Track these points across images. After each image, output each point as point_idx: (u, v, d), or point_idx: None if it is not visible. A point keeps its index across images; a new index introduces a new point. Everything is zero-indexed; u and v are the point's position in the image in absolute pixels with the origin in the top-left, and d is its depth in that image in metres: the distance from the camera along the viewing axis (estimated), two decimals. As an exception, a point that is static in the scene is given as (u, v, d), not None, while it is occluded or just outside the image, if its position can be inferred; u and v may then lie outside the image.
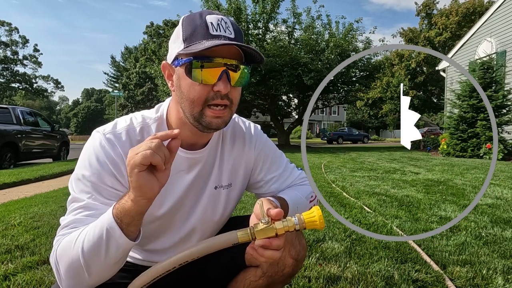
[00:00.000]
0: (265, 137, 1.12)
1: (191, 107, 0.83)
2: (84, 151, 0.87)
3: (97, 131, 0.89)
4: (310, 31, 15.61)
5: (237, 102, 0.88)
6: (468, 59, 13.34)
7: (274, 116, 18.28)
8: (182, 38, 0.82)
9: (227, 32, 0.80)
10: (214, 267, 1.08)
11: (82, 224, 0.78)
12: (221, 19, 0.81)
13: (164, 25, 35.56)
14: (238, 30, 0.84)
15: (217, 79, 0.80)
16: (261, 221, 0.71)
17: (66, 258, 0.74)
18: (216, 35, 0.79)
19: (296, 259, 0.98)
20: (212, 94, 0.81)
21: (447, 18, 27.90)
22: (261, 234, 0.70)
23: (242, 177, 1.06)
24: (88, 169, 0.82)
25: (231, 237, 0.72)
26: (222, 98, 0.82)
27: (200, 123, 0.84)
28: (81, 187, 0.82)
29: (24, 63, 40.13)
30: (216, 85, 0.80)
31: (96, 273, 0.74)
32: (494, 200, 3.56)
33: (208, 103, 0.82)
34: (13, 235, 2.43)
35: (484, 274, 1.72)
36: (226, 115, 0.85)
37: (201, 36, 0.79)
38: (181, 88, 0.83)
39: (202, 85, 0.80)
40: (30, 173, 6.21)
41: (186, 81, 0.82)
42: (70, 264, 0.73)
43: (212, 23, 0.80)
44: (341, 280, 1.66)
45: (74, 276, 0.74)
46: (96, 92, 75.44)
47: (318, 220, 0.71)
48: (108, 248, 0.71)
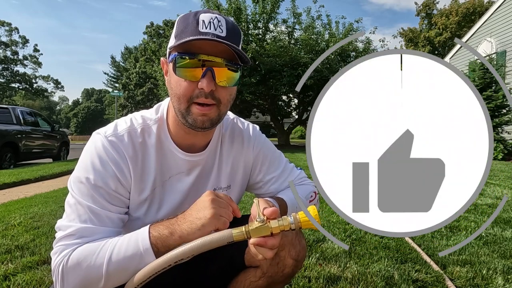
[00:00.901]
0: (264, 137, 1.12)
1: (178, 103, 0.83)
2: (85, 153, 0.85)
3: (98, 133, 0.88)
4: (310, 31, 15.60)
5: (227, 102, 0.85)
6: (468, 59, 13.34)
7: (274, 116, 18.26)
8: (174, 35, 0.82)
9: (218, 31, 0.79)
10: (214, 267, 1.08)
11: (92, 234, 0.78)
12: (214, 18, 0.80)
13: (164, 25, 35.51)
14: (233, 30, 0.82)
15: (201, 76, 0.79)
16: (256, 219, 0.71)
17: (83, 271, 0.74)
18: (205, 32, 0.78)
19: (296, 259, 0.98)
20: (197, 92, 0.80)
21: (447, 18, 27.91)
22: (256, 232, 0.70)
23: (241, 178, 1.06)
24: (91, 172, 0.81)
25: (226, 235, 0.71)
26: (207, 97, 0.80)
27: (186, 120, 0.84)
28: (84, 190, 0.81)
29: (24, 63, 40.13)
30: (200, 82, 0.79)
31: (111, 285, 0.77)
32: (494, 200, 3.56)
33: (193, 101, 0.81)
34: (13, 235, 2.43)
35: (484, 274, 1.72)
36: (212, 113, 0.83)
37: (189, 33, 0.78)
38: (170, 84, 0.84)
39: (187, 82, 0.80)
40: (30, 173, 6.21)
41: (174, 77, 0.82)
42: (87, 274, 0.74)
43: (203, 20, 0.79)
44: (341, 280, 1.66)
45: (88, 285, 0.76)
46: (96, 92, 75.41)
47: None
48: (137, 268, 0.74)
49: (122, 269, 0.75)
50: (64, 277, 0.75)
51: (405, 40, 30.95)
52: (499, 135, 9.34)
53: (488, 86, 10.02)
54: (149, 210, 0.92)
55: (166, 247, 0.74)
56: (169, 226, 0.76)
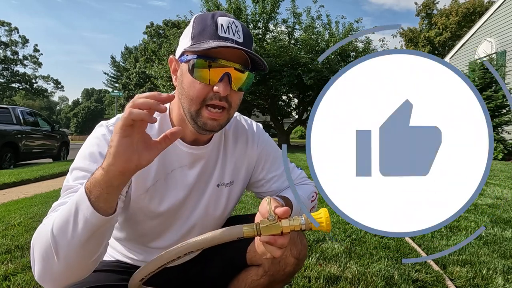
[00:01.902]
0: (267, 136, 1.13)
1: (189, 104, 0.83)
2: (85, 143, 0.87)
3: (100, 124, 0.89)
4: (310, 31, 15.60)
5: (236, 106, 0.87)
6: (468, 59, 13.35)
7: (274, 116, 18.26)
8: (191, 36, 0.82)
9: (236, 36, 0.81)
10: (216, 265, 1.09)
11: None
12: (232, 22, 0.81)
13: (164, 25, 35.54)
14: (249, 35, 0.84)
15: (218, 80, 0.80)
16: (268, 217, 0.72)
17: (39, 239, 0.69)
18: (224, 37, 0.79)
19: (297, 258, 0.99)
20: (211, 95, 0.81)
21: (447, 18, 27.92)
22: (267, 230, 0.71)
23: (244, 176, 1.07)
24: (88, 159, 0.82)
25: (236, 230, 0.72)
26: (221, 100, 0.82)
27: (195, 123, 0.84)
28: (76, 175, 0.80)
29: (24, 63, 40.20)
30: (217, 85, 0.80)
31: (63, 256, 0.66)
32: (494, 200, 3.56)
33: (206, 103, 0.82)
34: (13, 235, 2.43)
35: (484, 274, 1.72)
36: (222, 118, 0.85)
37: (209, 36, 0.79)
38: (183, 84, 0.84)
39: (202, 84, 0.81)
40: (30, 173, 6.21)
41: (188, 78, 0.82)
42: (41, 244, 0.68)
43: (222, 24, 0.80)
44: (341, 280, 1.67)
45: (44, 259, 0.68)
46: (96, 92, 75.47)
47: (325, 222, 0.71)
48: (75, 222, 0.64)
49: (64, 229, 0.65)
50: (33, 251, 0.71)
51: (405, 40, 30.96)
52: (499, 135, 9.34)
53: (488, 86, 10.03)
54: (151, 202, 0.92)
55: (96, 185, 0.63)
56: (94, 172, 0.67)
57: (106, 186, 0.63)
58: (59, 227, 0.66)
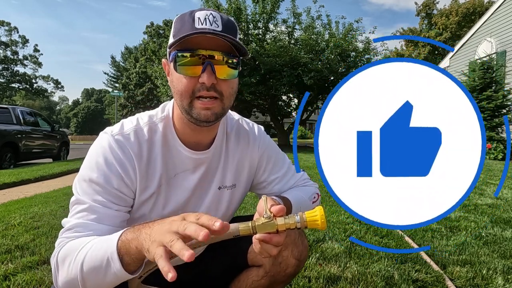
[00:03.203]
0: (268, 138, 1.13)
1: (181, 100, 0.84)
2: (91, 152, 0.86)
3: (105, 132, 0.89)
4: (310, 31, 15.59)
5: (229, 95, 0.86)
6: (468, 59, 13.35)
7: (274, 116, 18.26)
8: (172, 35, 0.84)
9: (214, 26, 0.80)
10: (217, 266, 1.09)
11: (86, 229, 0.77)
12: (209, 14, 0.81)
13: (164, 25, 35.54)
14: (229, 24, 0.83)
15: (201, 71, 0.80)
16: (263, 216, 0.72)
17: (66, 268, 0.73)
18: (201, 27, 0.79)
19: (298, 259, 0.99)
20: (198, 86, 0.82)
21: (447, 18, 27.93)
22: (262, 228, 0.71)
23: (246, 178, 1.07)
24: (95, 171, 0.82)
25: (232, 228, 0.72)
26: (209, 90, 0.82)
27: (191, 115, 0.85)
28: (86, 189, 0.82)
29: (24, 63, 40.13)
30: (201, 77, 0.81)
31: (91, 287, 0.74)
32: (494, 200, 3.57)
33: (196, 95, 0.83)
34: (13, 235, 2.43)
35: (484, 274, 1.72)
36: (215, 106, 0.84)
37: (186, 30, 0.80)
38: (173, 82, 0.86)
39: (188, 77, 0.81)
40: (30, 173, 6.21)
41: (175, 75, 0.83)
42: (68, 274, 0.73)
43: (199, 18, 0.80)
44: (341, 280, 1.67)
45: (69, 283, 0.74)
46: (96, 92, 75.38)
47: (319, 220, 0.71)
48: (106, 275, 0.70)
49: (94, 275, 0.71)
50: (56, 270, 0.76)
51: (405, 40, 30.99)
52: (499, 135, 9.33)
53: (488, 86, 10.02)
54: (155, 207, 0.92)
55: (128, 255, 0.67)
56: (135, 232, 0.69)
57: (137, 260, 0.68)
58: (90, 269, 0.70)
